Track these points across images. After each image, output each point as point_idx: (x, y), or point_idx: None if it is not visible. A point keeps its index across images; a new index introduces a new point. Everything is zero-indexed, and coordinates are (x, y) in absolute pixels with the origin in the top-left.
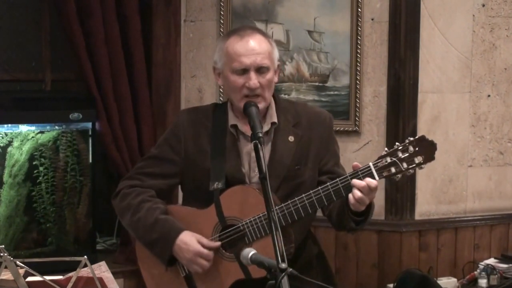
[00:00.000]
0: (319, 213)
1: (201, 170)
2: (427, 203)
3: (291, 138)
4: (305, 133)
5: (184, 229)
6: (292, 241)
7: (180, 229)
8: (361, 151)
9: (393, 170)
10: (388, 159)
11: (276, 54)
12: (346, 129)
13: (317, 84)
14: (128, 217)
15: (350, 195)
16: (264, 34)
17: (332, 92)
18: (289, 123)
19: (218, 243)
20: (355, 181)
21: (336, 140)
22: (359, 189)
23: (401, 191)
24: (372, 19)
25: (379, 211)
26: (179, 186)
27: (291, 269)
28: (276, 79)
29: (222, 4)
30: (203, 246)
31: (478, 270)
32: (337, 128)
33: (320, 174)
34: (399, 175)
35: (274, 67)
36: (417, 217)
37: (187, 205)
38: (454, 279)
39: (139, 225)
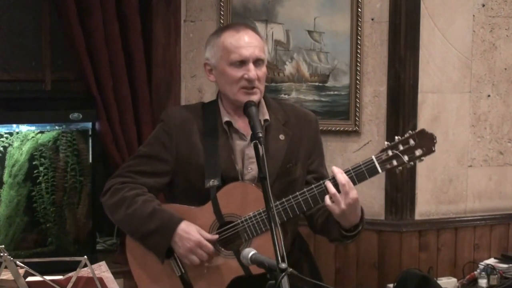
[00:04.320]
0: None
1: (194, 168)
2: (427, 203)
3: (281, 137)
4: (295, 132)
5: (184, 219)
6: (286, 239)
7: (180, 219)
8: (361, 151)
9: (395, 162)
10: (390, 152)
11: (266, 49)
12: (346, 129)
13: (317, 84)
14: (123, 210)
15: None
16: (255, 29)
17: (332, 92)
18: (279, 122)
19: (216, 236)
20: (327, 185)
21: (321, 141)
22: (332, 194)
23: (401, 191)
24: (372, 19)
25: (379, 211)
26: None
27: (291, 269)
28: None
29: (222, 4)
30: (203, 237)
31: (478, 270)
32: (337, 128)
33: (306, 173)
34: (401, 168)
35: (266, 61)
36: (417, 217)
37: (179, 203)
38: (454, 279)
39: (135, 217)
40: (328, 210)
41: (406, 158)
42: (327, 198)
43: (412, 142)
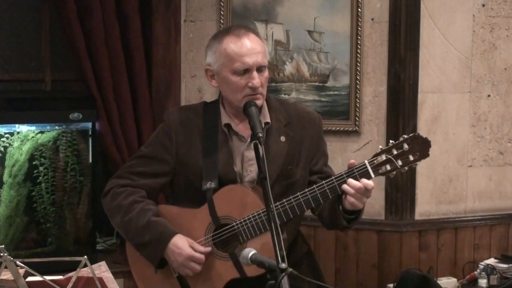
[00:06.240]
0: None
1: (193, 169)
2: (427, 203)
3: (282, 138)
4: (296, 133)
5: (177, 232)
6: (285, 239)
7: (173, 233)
8: (361, 151)
9: (388, 167)
10: (383, 157)
11: (267, 50)
12: (346, 129)
13: (317, 84)
14: (119, 218)
15: (345, 196)
16: (256, 32)
17: (332, 92)
18: (280, 123)
19: (209, 249)
20: (351, 182)
21: (325, 140)
22: (356, 190)
23: (401, 191)
24: (372, 19)
25: (379, 211)
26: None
27: (291, 269)
28: None
29: (222, 4)
30: (195, 250)
31: (478, 270)
32: (337, 128)
33: (310, 174)
34: (394, 172)
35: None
36: (417, 217)
37: (177, 204)
38: (454, 279)
39: (131, 226)
40: (328, 206)
41: (399, 163)
42: (348, 198)
43: (406, 146)
